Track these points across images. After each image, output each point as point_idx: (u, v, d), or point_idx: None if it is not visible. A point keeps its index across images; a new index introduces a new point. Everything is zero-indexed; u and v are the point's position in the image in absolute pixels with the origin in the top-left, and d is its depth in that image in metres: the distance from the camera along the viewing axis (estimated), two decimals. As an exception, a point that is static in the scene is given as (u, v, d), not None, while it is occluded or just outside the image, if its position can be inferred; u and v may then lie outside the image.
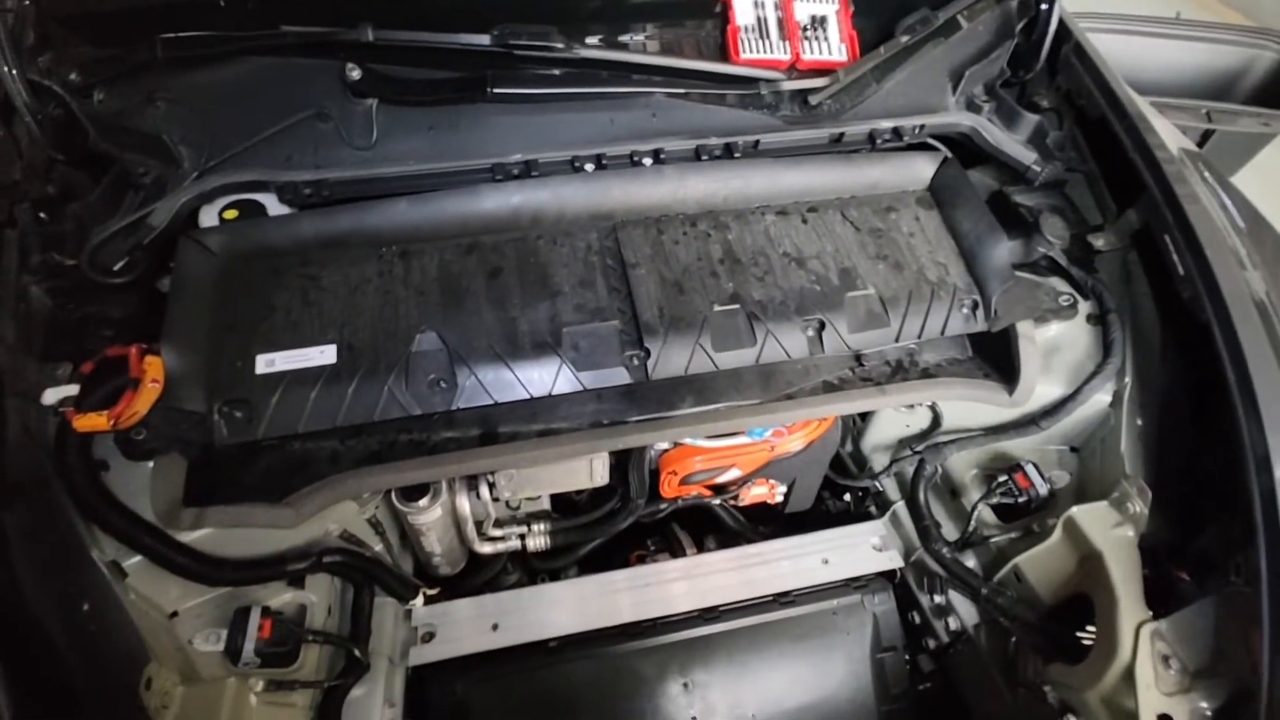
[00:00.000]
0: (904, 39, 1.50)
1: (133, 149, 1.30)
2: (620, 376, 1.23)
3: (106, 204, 1.28)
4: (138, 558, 1.09)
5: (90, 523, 1.07)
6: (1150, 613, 1.16)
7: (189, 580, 1.13)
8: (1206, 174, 1.50)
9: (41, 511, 1.06)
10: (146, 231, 1.23)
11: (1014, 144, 1.54)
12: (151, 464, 1.11)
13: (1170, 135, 1.53)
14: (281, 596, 1.29)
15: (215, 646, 1.16)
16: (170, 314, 1.14)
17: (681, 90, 1.41)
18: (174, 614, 1.16)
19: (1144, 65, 2.88)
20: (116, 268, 1.22)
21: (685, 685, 1.51)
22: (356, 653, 1.30)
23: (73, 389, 1.09)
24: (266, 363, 1.16)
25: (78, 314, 1.25)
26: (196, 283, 1.20)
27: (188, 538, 1.12)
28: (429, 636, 1.48)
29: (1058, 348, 1.43)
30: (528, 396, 1.20)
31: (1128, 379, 1.37)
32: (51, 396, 1.09)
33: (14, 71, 1.23)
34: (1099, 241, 1.46)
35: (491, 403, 1.20)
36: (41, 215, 1.27)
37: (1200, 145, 2.78)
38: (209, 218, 1.29)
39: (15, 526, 1.00)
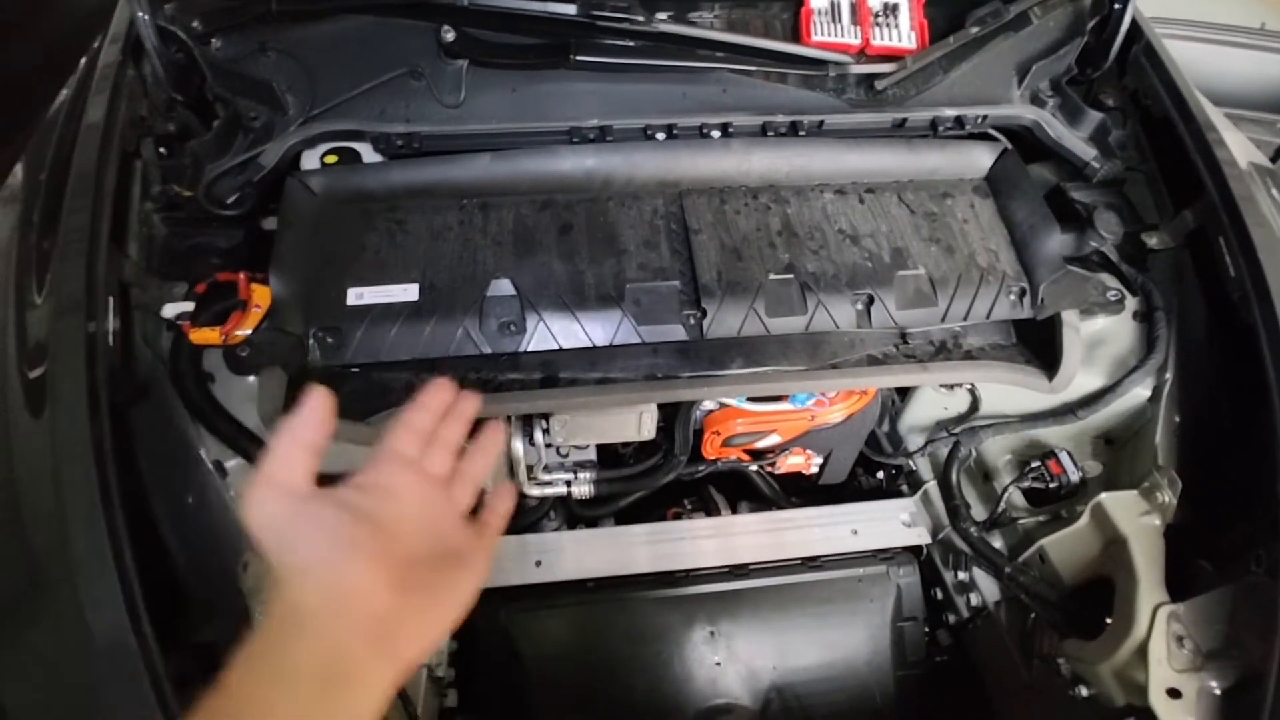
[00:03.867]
0: (974, 30, 1.53)
1: (245, 94, 1.41)
2: (677, 333, 1.31)
3: (219, 144, 1.40)
4: (237, 460, 1.22)
5: (199, 426, 1.20)
6: (1169, 597, 1.21)
7: (277, 485, 1.26)
8: (1274, 190, 1.51)
9: (157, 411, 1.19)
10: (256, 170, 1.35)
11: (1075, 140, 1.56)
12: (251, 379, 1.24)
13: (1241, 147, 1.53)
14: (351, 514, 1.41)
15: (295, 550, 1.28)
16: (278, 244, 1.26)
17: (753, 68, 1.47)
18: (261, 516, 1.29)
19: (1222, 75, 2.83)
20: (229, 201, 1.34)
21: (711, 634, 1.60)
22: (415, 569, 1.42)
23: (188, 305, 1.22)
24: (356, 295, 1.27)
25: (189, 242, 1.36)
26: (300, 219, 1.32)
27: (279, 447, 1.24)
28: (477, 566, 1.60)
29: (1102, 341, 1.47)
30: (589, 345, 1.29)
31: (1169, 375, 1.40)
32: (170, 311, 1.22)
33: (146, 16, 1.35)
34: (1152, 240, 1.48)
35: (556, 348, 1.29)
36: (161, 150, 1.39)
37: (1275, 159, 2.73)
38: (310, 161, 1.40)
39: (137, 421, 1.13)
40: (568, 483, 1.66)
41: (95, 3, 1.70)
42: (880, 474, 1.88)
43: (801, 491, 1.88)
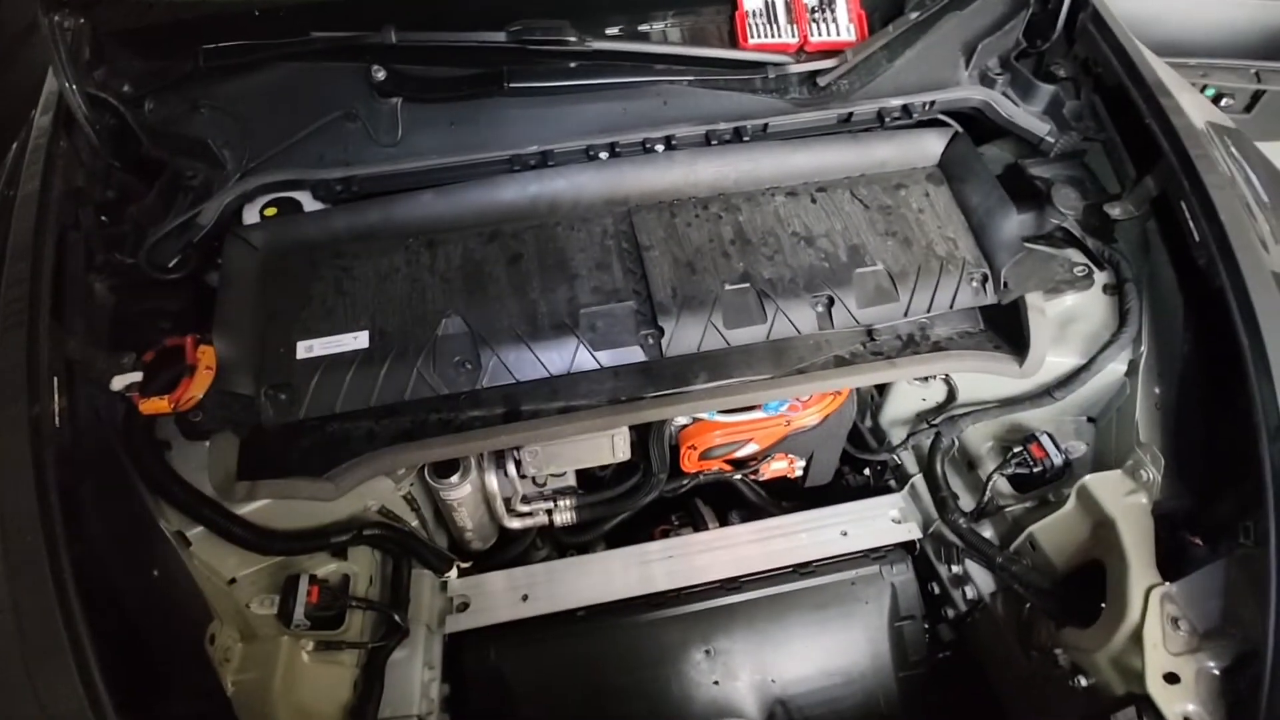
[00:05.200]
0: (913, 15, 1.51)
1: (181, 154, 1.40)
2: (636, 355, 1.28)
3: (160, 206, 1.38)
4: (200, 529, 1.20)
5: (157, 497, 1.18)
6: (1161, 577, 1.18)
7: (245, 550, 1.24)
8: (1233, 149, 1.48)
9: (113, 487, 1.17)
10: (196, 230, 1.33)
11: (1028, 116, 1.53)
12: (208, 443, 1.22)
13: (1197, 108, 1.50)
14: (327, 567, 1.40)
15: (269, 610, 1.27)
16: (220, 305, 1.24)
17: (691, 77, 1.45)
18: (232, 580, 1.27)
19: (1192, 24, 2.79)
20: (171, 264, 1.32)
21: (708, 652, 1.57)
22: (396, 618, 1.40)
23: (137, 376, 1.20)
24: (306, 349, 1.25)
25: (137, 308, 1.35)
26: (242, 276, 1.30)
27: (242, 510, 1.22)
28: (463, 606, 1.58)
29: (1074, 318, 1.44)
30: (548, 375, 1.27)
31: (1143, 348, 1.37)
32: (119, 383, 1.19)
33: (73, 86, 1.33)
34: (1115, 210, 1.45)
35: (514, 382, 1.27)
36: (103, 218, 1.38)
37: (1250, 107, 2.69)
38: (251, 215, 1.38)
39: (91, 499, 1.11)
40: (549, 511, 1.63)
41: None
42: (866, 471, 1.85)
43: (790, 495, 1.85)
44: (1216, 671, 1.08)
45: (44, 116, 1.40)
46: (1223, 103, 2.64)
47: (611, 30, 1.51)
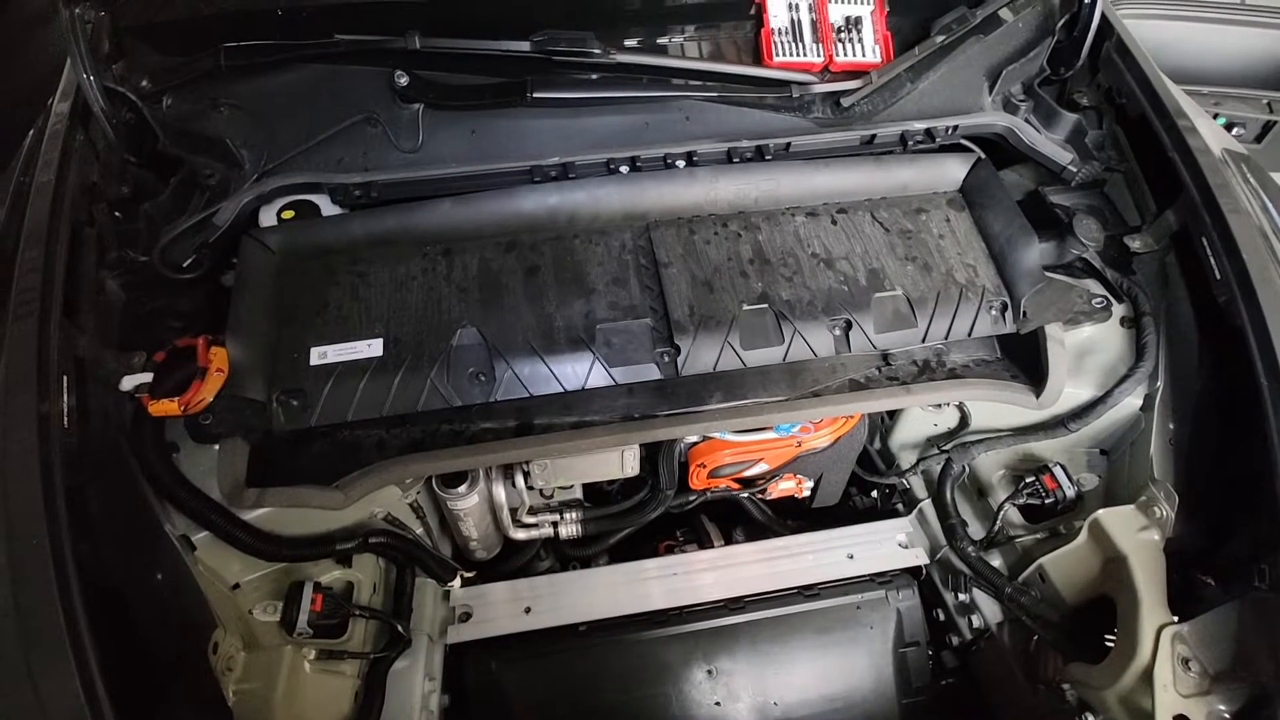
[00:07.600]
0: (939, 39, 1.50)
1: (198, 152, 1.38)
2: (651, 372, 1.27)
3: (175, 204, 1.37)
4: (205, 533, 1.18)
5: (163, 500, 1.16)
6: (1173, 616, 1.17)
7: (249, 555, 1.22)
8: (1250, 177, 1.48)
9: (119, 488, 1.16)
10: (212, 230, 1.32)
11: (1050, 144, 1.53)
12: (217, 447, 1.20)
13: (1214, 136, 1.50)
14: (331, 574, 1.38)
15: (272, 617, 1.25)
16: (234, 308, 1.23)
17: (714, 94, 1.44)
18: (236, 586, 1.26)
19: (1205, 53, 2.79)
20: (185, 264, 1.31)
21: (709, 672, 1.56)
22: (399, 628, 1.38)
23: (147, 376, 1.19)
24: (320, 355, 1.24)
25: (149, 307, 1.34)
26: (257, 279, 1.29)
27: (248, 516, 1.20)
28: (466, 617, 1.57)
29: (1090, 350, 1.43)
30: (562, 390, 1.26)
31: (1160, 383, 1.36)
32: (128, 383, 1.18)
33: (91, 79, 1.32)
34: (1135, 243, 1.45)
35: (527, 395, 1.25)
36: (117, 214, 1.36)
37: (1261, 137, 2.70)
38: (268, 217, 1.37)
39: (97, 501, 1.10)
40: (554, 524, 1.62)
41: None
42: (874, 494, 1.84)
43: (796, 515, 1.84)
44: (1228, 715, 1.07)
45: (62, 104, 1.39)
46: (1234, 132, 2.64)
47: (635, 44, 1.50)
